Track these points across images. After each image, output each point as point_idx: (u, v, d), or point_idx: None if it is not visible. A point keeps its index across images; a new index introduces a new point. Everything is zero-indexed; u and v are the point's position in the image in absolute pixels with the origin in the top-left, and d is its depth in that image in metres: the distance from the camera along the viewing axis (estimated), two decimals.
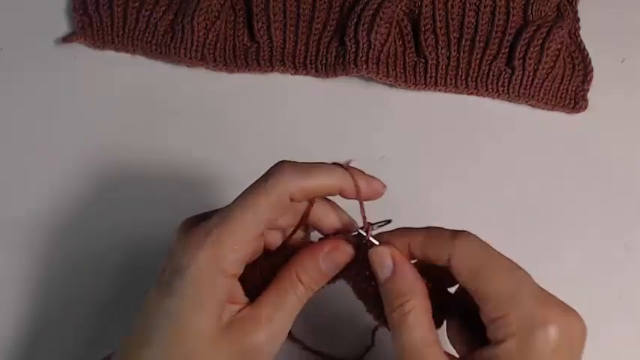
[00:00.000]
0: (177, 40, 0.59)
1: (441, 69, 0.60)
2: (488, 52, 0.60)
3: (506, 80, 0.60)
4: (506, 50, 0.60)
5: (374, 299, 0.38)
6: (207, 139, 0.57)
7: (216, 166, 0.56)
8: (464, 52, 0.60)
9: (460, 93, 0.60)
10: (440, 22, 0.60)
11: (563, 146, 0.59)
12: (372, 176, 0.39)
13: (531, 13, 0.60)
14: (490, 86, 0.60)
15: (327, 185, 0.37)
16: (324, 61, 0.60)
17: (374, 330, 0.46)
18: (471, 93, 0.60)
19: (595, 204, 0.56)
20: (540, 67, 0.59)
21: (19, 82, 0.58)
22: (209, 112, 0.58)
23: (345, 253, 0.38)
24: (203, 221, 0.36)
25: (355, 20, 0.58)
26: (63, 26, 0.61)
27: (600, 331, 0.36)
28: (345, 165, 0.38)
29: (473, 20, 0.60)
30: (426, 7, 0.60)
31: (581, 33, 0.62)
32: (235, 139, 0.57)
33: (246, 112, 0.58)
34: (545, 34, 0.58)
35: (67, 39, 0.59)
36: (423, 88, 0.60)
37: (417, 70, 0.60)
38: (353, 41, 0.58)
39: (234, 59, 0.60)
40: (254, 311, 0.36)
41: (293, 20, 0.60)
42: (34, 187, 0.54)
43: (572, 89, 0.60)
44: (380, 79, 0.58)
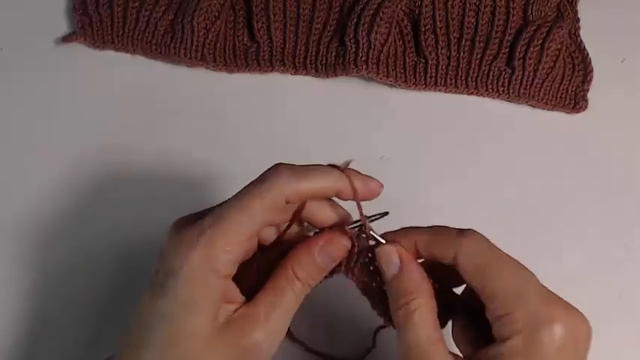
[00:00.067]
0: (177, 40, 0.59)
1: (441, 69, 0.60)
2: (488, 52, 0.60)
3: (506, 80, 0.60)
4: (506, 50, 0.60)
5: (378, 295, 0.38)
6: (207, 139, 0.57)
7: (216, 166, 0.56)
8: (464, 52, 0.60)
9: (460, 93, 0.60)
10: (440, 22, 0.60)
11: (563, 146, 0.59)
12: (369, 176, 0.38)
13: (531, 13, 0.60)
14: (490, 86, 0.60)
15: (324, 188, 0.37)
16: (324, 61, 0.60)
17: (375, 331, 0.46)
18: (471, 93, 0.60)
19: (595, 204, 0.56)
20: (540, 67, 0.59)
21: (19, 82, 0.58)
22: (209, 112, 0.58)
23: (341, 245, 0.38)
24: (195, 221, 0.36)
25: (355, 20, 0.58)
26: (63, 26, 0.61)
27: (600, 331, 0.36)
28: (342, 167, 0.38)
29: (473, 20, 0.60)
30: (426, 7, 0.60)
31: (581, 33, 0.62)
32: (235, 139, 0.57)
33: (246, 112, 0.58)
34: (545, 34, 0.58)
35: (67, 39, 0.59)
36: (423, 88, 0.60)
37: (417, 70, 0.60)
38: (353, 41, 0.58)
39: (234, 59, 0.60)
40: (251, 310, 0.36)
41: (293, 20, 0.60)
42: (34, 187, 0.54)
43: (572, 89, 0.60)
44: (380, 79, 0.58)
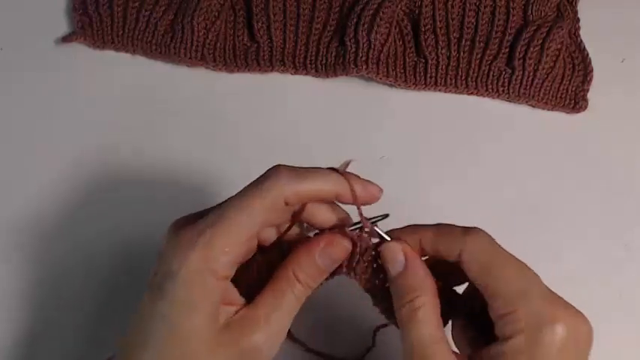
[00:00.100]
0: (177, 40, 0.59)
1: (441, 69, 0.60)
2: (488, 52, 0.60)
3: (506, 80, 0.60)
4: (506, 50, 0.60)
5: (381, 293, 0.38)
6: (207, 139, 0.57)
7: (216, 166, 0.56)
8: (464, 52, 0.60)
9: (460, 93, 0.60)
10: (440, 22, 0.60)
11: (563, 146, 0.59)
12: (369, 181, 0.38)
13: (531, 13, 0.60)
14: (490, 86, 0.60)
15: (323, 190, 0.37)
16: (324, 61, 0.60)
17: (375, 330, 0.46)
18: (471, 93, 0.60)
19: (595, 204, 0.56)
20: (540, 67, 0.59)
21: (19, 82, 0.58)
22: (209, 112, 0.58)
23: (342, 247, 0.37)
24: (194, 221, 0.36)
25: (355, 20, 0.58)
26: (63, 26, 0.61)
27: (600, 331, 0.36)
28: (341, 170, 0.38)
29: (473, 20, 0.60)
30: (426, 7, 0.60)
31: (581, 33, 0.62)
32: (235, 139, 0.57)
33: (246, 112, 0.58)
34: (545, 34, 0.58)
35: (67, 39, 0.59)
36: (423, 88, 0.60)
37: (417, 70, 0.60)
38: (353, 41, 0.58)
39: (234, 59, 0.60)
40: (251, 312, 0.36)
41: (293, 20, 0.60)
42: (33, 187, 0.54)
43: (572, 89, 0.60)
44: (380, 79, 0.58)
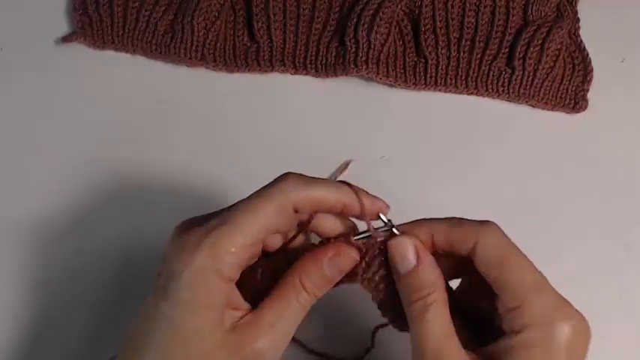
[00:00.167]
0: (177, 40, 0.59)
1: (441, 69, 0.60)
2: (488, 52, 0.60)
3: (506, 80, 0.60)
4: (506, 50, 0.60)
5: (390, 301, 0.38)
6: (207, 139, 0.57)
7: (216, 166, 0.55)
8: (464, 52, 0.60)
9: (460, 93, 0.60)
10: (440, 22, 0.60)
11: (563, 146, 0.59)
12: (376, 196, 0.38)
13: (531, 13, 0.60)
14: (490, 86, 0.60)
15: (331, 199, 0.37)
16: (324, 61, 0.60)
17: (374, 331, 0.46)
18: (471, 93, 0.60)
19: (595, 204, 0.56)
20: (540, 67, 0.59)
21: (19, 82, 0.58)
22: (209, 112, 0.58)
23: (349, 257, 0.37)
24: (200, 224, 0.36)
25: (355, 20, 0.58)
26: (63, 26, 0.61)
27: (600, 331, 0.36)
28: (353, 186, 0.38)
29: (473, 20, 0.60)
30: (426, 7, 0.60)
31: (581, 33, 0.62)
32: (235, 139, 0.57)
33: (246, 112, 0.58)
34: (545, 34, 0.58)
35: (67, 39, 0.59)
36: (423, 88, 0.60)
37: (417, 70, 0.60)
38: (353, 41, 0.58)
39: (234, 59, 0.60)
40: (256, 317, 0.36)
41: (293, 20, 0.60)
42: (33, 187, 0.54)
43: (572, 89, 0.60)
44: (380, 79, 0.58)
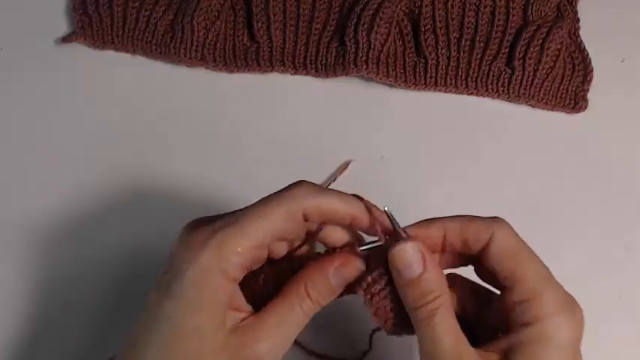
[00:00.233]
0: (177, 40, 0.59)
1: (441, 69, 0.60)
2: (488, 52, 0.60)
3: (506, 80, 0.60)
4: (506, 50, 0.60)
5: (395, 315, 0.38)
6: (207, 139, 0.57)
7: (216, 166, 0.56)
8: (464, 52, 0.60)
9: (460, 93, 0.60)
10: (440, 22, 0.60)
11: (563, 146, 0.59)
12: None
13: (531, 13, 0.60)
14: (490, 86, 0.60)
15: (341, 209, 0.37)
16: (324, 61, 0.60)
17: (371, 333, 0.46)
18: (471, 93, 0.60)
19: (595, 204, 0.56)
20: (540, 67, 0.59)
21: (19, 82, 0.58)
22: (209, 113, 0.58)
23: (355, 268, 0.37)
24: (207, 224, 0.36)
25: (355, 20, 0.58)
26: (63, 26, 0.61)
27: (600, 331, 0.36)
28: (367, 202, 0.38)
29: (473, 20, 0.60)
30: (426, 7, 0.60)
31: (581, 33, 0.62)
32: (235, 139, 0.57)
33: (246, 112, 0.58)
34: (545, 34, 0.58)
35: (67, 39, 0.59)
36: (423, 88, 0.60)
37: (417, 70, 0.60)
38: (353, 41, 0.58)
39: (234, 59, 0.60)
40: (258, 320, 0.36)
41: (293, 20, 0.60)
42: (34, 187, 0.54)
43: (572, 89, 0.60)
44: (380, 79, 0.58)
